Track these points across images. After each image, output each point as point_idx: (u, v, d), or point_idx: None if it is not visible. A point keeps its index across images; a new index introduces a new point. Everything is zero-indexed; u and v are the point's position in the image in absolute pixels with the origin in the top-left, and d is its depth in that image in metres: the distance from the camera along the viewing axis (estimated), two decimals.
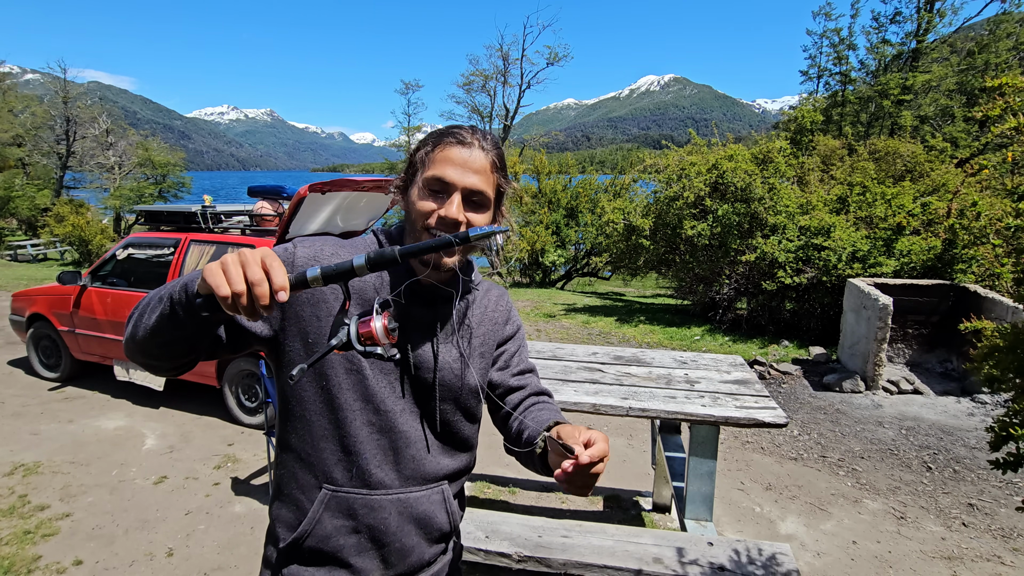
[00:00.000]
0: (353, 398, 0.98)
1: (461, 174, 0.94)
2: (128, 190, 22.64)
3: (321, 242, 1.00)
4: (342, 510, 0.99)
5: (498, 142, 1.00)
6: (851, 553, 2.95)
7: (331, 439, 0.98)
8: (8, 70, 26.73)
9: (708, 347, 6.71)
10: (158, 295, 0.85)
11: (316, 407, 0.98)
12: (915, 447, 4.16)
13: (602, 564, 2.00)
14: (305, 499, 1.00)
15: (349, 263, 0.74)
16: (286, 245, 0.99)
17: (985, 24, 16.92)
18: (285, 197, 4.85)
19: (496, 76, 26.36)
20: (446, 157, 0.95)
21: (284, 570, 1.01)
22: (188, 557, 2.80)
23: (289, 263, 0.95)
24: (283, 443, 1.04)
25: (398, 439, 1.01)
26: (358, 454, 0.98)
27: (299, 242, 1.00)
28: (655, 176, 9.91)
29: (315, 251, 0.98)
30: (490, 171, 0.97)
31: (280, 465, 1.05)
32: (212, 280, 0.69)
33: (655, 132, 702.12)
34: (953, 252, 6.10)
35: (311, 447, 0.99)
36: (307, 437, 0.99)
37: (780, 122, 19.76)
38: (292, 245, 0.99)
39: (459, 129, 0.97)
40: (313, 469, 0.99)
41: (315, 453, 0.99)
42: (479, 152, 0.96)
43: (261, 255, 0.70)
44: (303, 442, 1.00)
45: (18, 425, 4.28)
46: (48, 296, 5.03)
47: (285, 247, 0.98)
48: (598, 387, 2.55)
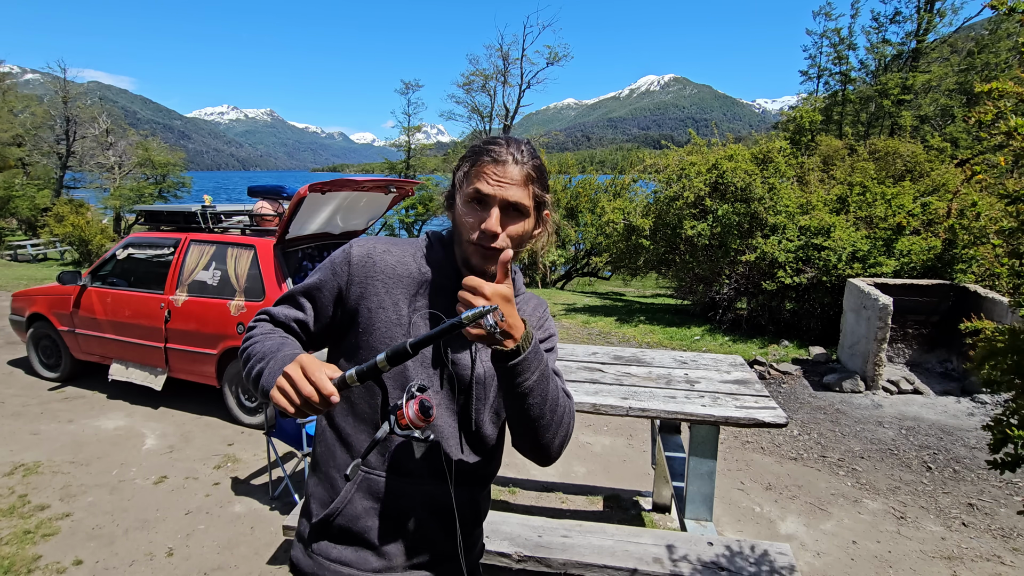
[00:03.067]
0: (393, 386, 1.04)
1: (498, 188, 1.00)
2: (128, 190, 22.64)
3: (374, 240, 1.13)
4: (372, 493, 1.04)
5: (535, 153, 1.06)
6: (851, 553, 2.95)
7: (371, 422, 1.05)
8: (8, 70, 26.72)
9: (708, 347, 6.72)
10: (253, 367, 1.00)
11: (360, 389, 1.05)
12: (915, 447, 4.16)
13: (602, 564, 2.00)
14: (339, 477, 1.06)
15: (374, 362, 0.86)
16: (345, 247, 1.10)
17: (985, 24, 16.91)
18: (285, 197, 4.86)
19: (496, 76, 26.38)
20: (483, 173, 1.01)
21: (314, 544, 1.07)
22: (188, 557, 2.80)
23: (345, 262, 1.08)
24: (327, 418, 1.11)
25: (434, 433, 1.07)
26: (393, 441, 1.04)
27: (355, 241, 1.11)
28: (655, 176, 9.90)
29: (368, 248, 1.09)
30: (525, 183, 1.02)
31: (320, 442, 1.12)
32: (279, 403, 0.86)
33: (655, 132, 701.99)
34: (953, 252, 6.10)
35: (351, 427, 1.06)
36: (349, 417, 1.07)
37: (779, 122, 19.76)
38: (349, 244, 1.11)
39: (494, 145, 1.03)
40: (351, 449, 1.06)
41: (354, 434, 1.06)
42: (513, 166, 1.01)
43: (305, 370, 0.85)
44: (345, 422, 1.07)
45: (18, 425, 4.28)
46: (48, 296, 5.03)
47: (344, 250, 1.10)
48: (598, 387, 2.55)
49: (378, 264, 1.08)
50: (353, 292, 1.07)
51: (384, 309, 1.05)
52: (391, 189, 4.57)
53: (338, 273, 1.08)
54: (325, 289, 1.08)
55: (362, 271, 1.07)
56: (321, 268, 1.10)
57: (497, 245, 1.01)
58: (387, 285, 1.07)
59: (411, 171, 25.60)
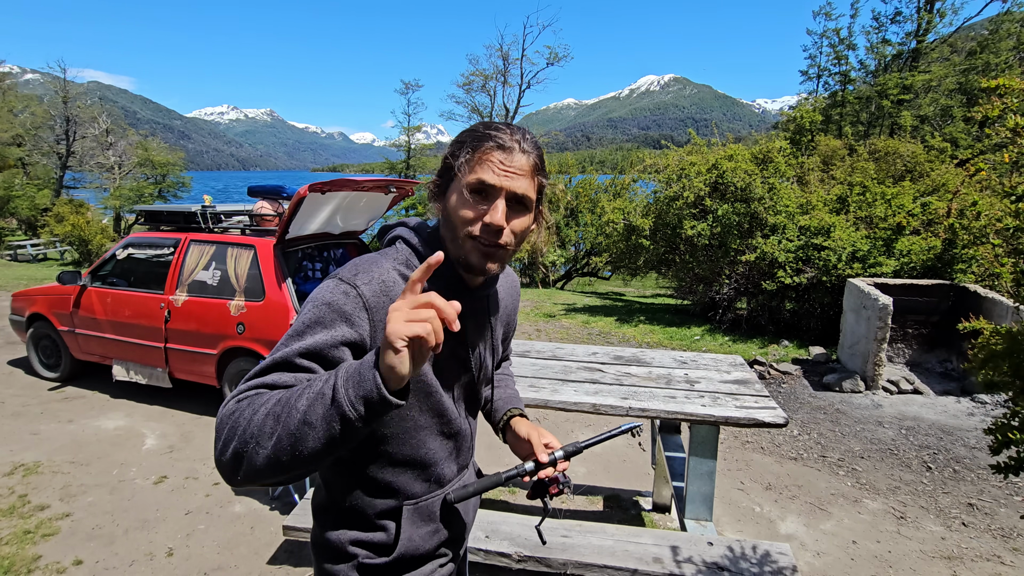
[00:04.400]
0: (429, 416, 1.02)
1: (504, 179, 0.90)
2: (128, 190, 22.66)
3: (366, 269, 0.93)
4: (423, 517, 1.05)
5: (537, 140, 0.97)
6: (851, 553, 2.95)
7: (412, 460, 1.02)
8: (8, 70, 26.73)
9: (708, 347, 6.71)
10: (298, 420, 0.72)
11: (399, 438, 1.00)
12: (915, 447, 4.16)
13: (602, 564, 2.00)
14: (390, 522, 1.03)
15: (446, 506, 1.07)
16: (345, 288, 0.89)
17: (985, 24, 16.91)
18: (285, 197, 4.86)
19: (496, 76, 26.39)
20: (487, 161, 0.90)
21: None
22: (188, 557, 2.80)
23: (360, 307, 0.88)
24: (356, 479, 1.02)
25: (460, 439, 1.11)
26: (435, 463, 1.05)
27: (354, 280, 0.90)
28: (655, 176, 9.90)
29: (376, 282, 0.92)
30: (532, 173, 0.94)
31: (350, 498, 1.02)
32: (413, 330, 0.68)
33: (655, 132, 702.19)
34: (953, 252, 6.10)
35: (392, 475, 1.02)
36: (388, 468, 1.01)
37: (779, 122, 19.76)
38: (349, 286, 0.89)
39: (498, 131, 0.92)
40: (395, 493, 1.02)
41: (396, 478, 1.02)
42: (521, 155, 0.92)
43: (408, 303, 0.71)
44: (383, 473, 1.01)
45: (18, 425, 4.28)
46: (48, 296, 5.03)
47: (346, 291, 0.88)
48: (598, 387, 2.55)
49: (394, 298, 0.92)
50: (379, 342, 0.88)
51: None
52: (391, 189, 4.57)
53: (356, 323, 0.87)
54: (340, 347, 0.85)
55: (383, 313, 0.90)
56: (322, 321, 0.86)
57: (503, 241, 0.92)
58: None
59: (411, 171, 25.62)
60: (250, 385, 0.82)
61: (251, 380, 0.83)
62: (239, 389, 0.82)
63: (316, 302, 0.89)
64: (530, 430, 1.14)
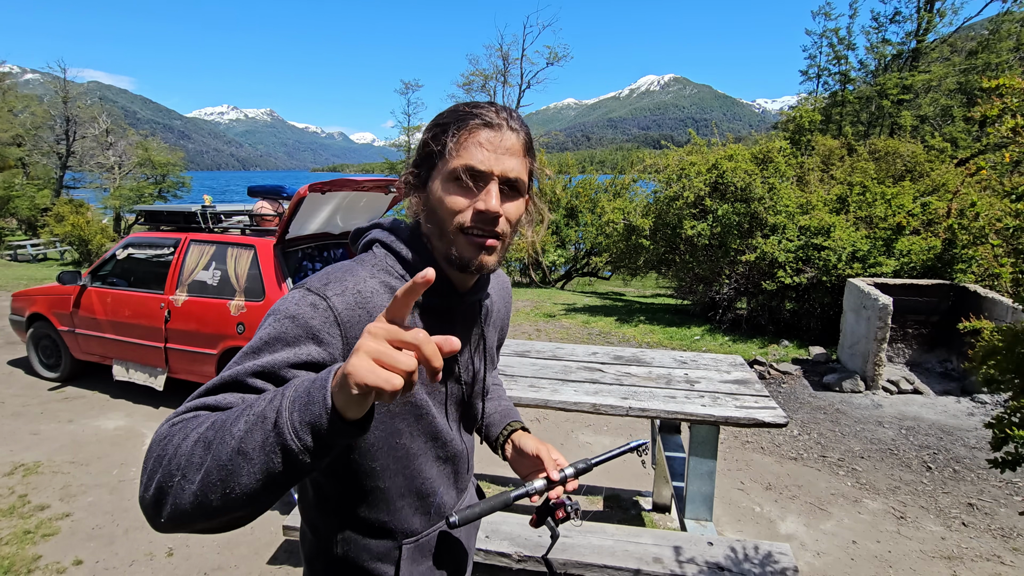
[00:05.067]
0: (423, 440, 0.91)
1: (495, 160, 0.80)
2: (128, 190, 22.67)
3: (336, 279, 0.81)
4: (424, 553, 0.96)
5: (523, 118, 0.87)
6: (851, 553, 2.95)
7: (407, 493, 0.92)
8: (8, 70, 26.72)
9: (708, 347, 6.71)
10: (231, 449, 0.58)
11: (391, 470, 0.88)
12: (915, 447, 4.16)
13: (602, 564, 2.00)
14: (387, 566, 0.93)
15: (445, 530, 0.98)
16: (313, 300, 0.76)
17: (985, 24, 16.91)
18: (285, 197, 4.86)
19: (496, 76, 26.38)
20: (475, 142, 0.80)
21: None
22: (188, 557, 2.80)
23: (332, 322, 0.76)
24: (345, 521, 0.91)
25: (458, 461, 1.01)
26: (433, 492, 0.95)
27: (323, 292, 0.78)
28: (655, 176, 9.90)
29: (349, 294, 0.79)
30: (523, 153, 0.84)
31: (341, 542, 0.91)
32: (376, 380, 0.53)
33: (655, 132, 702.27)
34: (953, 252, 6.10)
35: (387, 513, 0.91)
36: (381, 505, 0.90)
37: (779, 122, 19.76)
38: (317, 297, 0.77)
39: (483, 108, 0.82)
40: (391, 533, 0.92)
41: (391, 516, 0.91)
42: (510, 133, 0.82)
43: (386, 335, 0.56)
44: (376, 511, 0.90)
45: (18, 425, 4.28)
46: (48, 296, 5.03)
47: (314, 303, 0.76)
48: (598, 387, 2.55)
49: (374, 315, 0.79)
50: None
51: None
52: (391, 189, 4.57)
53: (324, 340, 0.75)
54: (303, 367, 0.73)
55: (359, 329, 0.77)
56: (284, 336, 0.73)
57: (499, 230, 0.83)
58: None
59: None
60: (189, 407, 0.68)
61: (192, 400, 0.69)
62: (176, 411, 0.68)
63: (278, 315, 0.75)
64: (539, 446, 1.05)
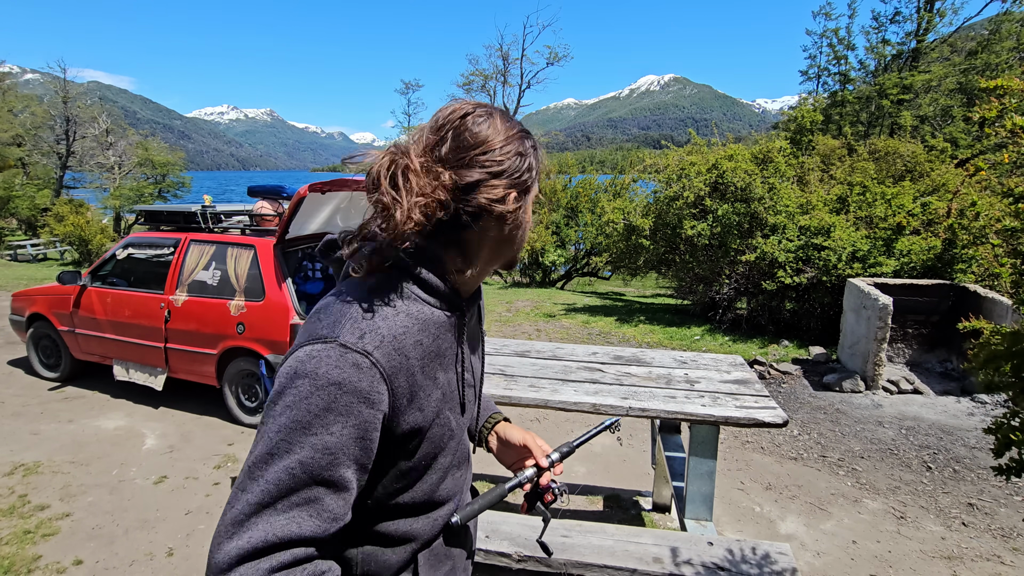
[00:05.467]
0: (450, 456, 0.90)
1: None
2: (128, 190, 22.67)
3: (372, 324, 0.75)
4: (440, 559, 0.94)
5: None
6: (851, 553, 2.95)
7: (429, 504, 0.90)
8: (8, 70, 26.73)
9: (708, 347, 6.71)
10: None
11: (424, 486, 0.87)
12: (915, 447, 4.16)
13: (602, 564, 2.00)
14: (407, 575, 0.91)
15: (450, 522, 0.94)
16: (355, 359, 0.70)
17: (985, 24, 16.90)
18: (285, 197, 4.86)
19: (496, 76, 26.39)
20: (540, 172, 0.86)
21: None
22: (188, 557, 2.80)
23: (379, 379, 0.72)
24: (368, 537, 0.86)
25: (468, 465, 1.02)
26: (450, 499, 0.95)
27: (360, 346, 0.72)
28: (655, 176, 9.90)
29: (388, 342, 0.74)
30: None
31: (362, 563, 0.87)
32: None
33: (655, 132, 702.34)
34: (953, 252, 6.10)
35: (408, 523, 0.88)
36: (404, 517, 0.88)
37: (780, 122, 19.75)
38: (364, 355, 0.71)
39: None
40: (410, 542, 0.90)
41: (412, 526, 0.89)
42: None
43: None
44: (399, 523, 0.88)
45: (18, 425, 4.28)
46: (48, 296, 5.03)
47: (357, 363, 0.70)
48: (598, 387, 2.55)
49: (411, 354, 0.77)
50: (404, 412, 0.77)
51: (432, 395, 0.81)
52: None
53: (375, 402, 0.72)
54: (366, 441, 0.71)
55: (404, 378, 0.75)
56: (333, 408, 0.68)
57: None
58: (425, 369, 0.80)
59: None
60: (279, 550, 0.64)
61: (273, 537, 0.64)
62: (270, 546, 0.64)
63: (317, 380, 0.68)
64: (524, 435, 1.07)
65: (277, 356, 4.01)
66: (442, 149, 0.79)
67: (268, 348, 4.03)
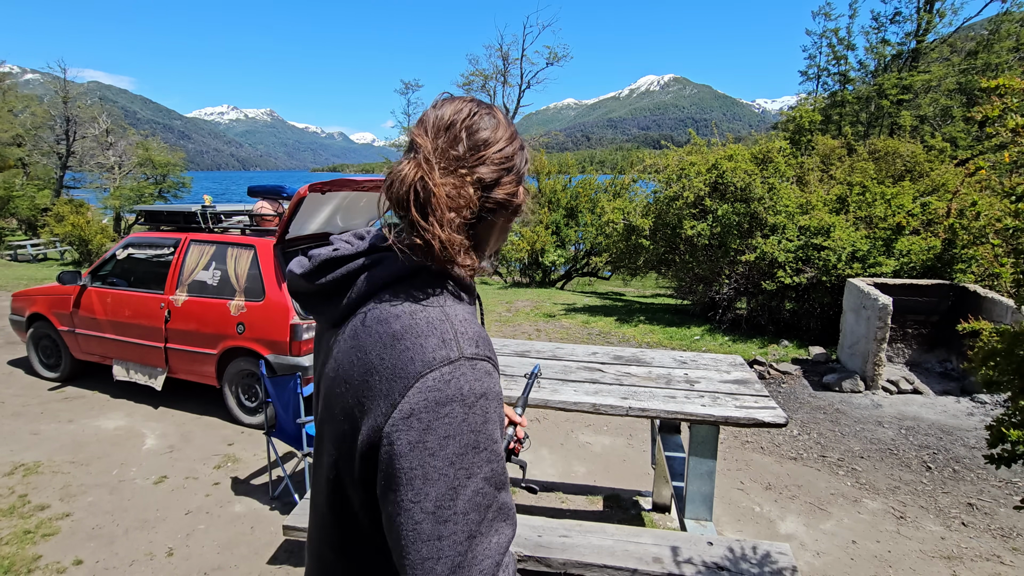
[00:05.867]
0: None
1: None
2: (128, 190, 22.66)
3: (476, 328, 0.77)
4: None
5: None
6: (851, 553, 2.96)
7: None
8: (8, 70, 26.72)
9: (708, 347, 6.72)
10: None
11: None
12: (915, 447, 4.16)
13: (602, 564, 2.00)
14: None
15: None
16: (486, 368, 0.73)
17: (985, 24, 16.91)
18: (285, 197, 4.86)
19: (496, 76, 26.36)
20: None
21: None
22: (188, 557, 2.80)
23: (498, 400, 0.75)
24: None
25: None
26: None
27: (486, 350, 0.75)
28: (655, 176, 9.90)
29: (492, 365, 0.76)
30: None
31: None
32: None
33: (655, 132, 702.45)
34: (953, 252, 6.11)
35: None
36: None
37: (779, 122, 19.75)
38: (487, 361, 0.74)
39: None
40: None
41: None
42: None
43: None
44: None
45: (18, 425, 4.28)
46: (48, 296, 5.03)
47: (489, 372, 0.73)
48: (598, 387, 2.55)
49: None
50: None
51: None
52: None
53: (503, 399, 0.78)
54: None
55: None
56: (493, 419, 0.72)
57: None
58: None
59: None
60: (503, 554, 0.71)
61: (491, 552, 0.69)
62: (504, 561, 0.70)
63: (466, 400, 0.69)
64: None
65: (277, 356, 4.01)
66: (458, 148, 0.78)
67: (268, 348, 4.03)
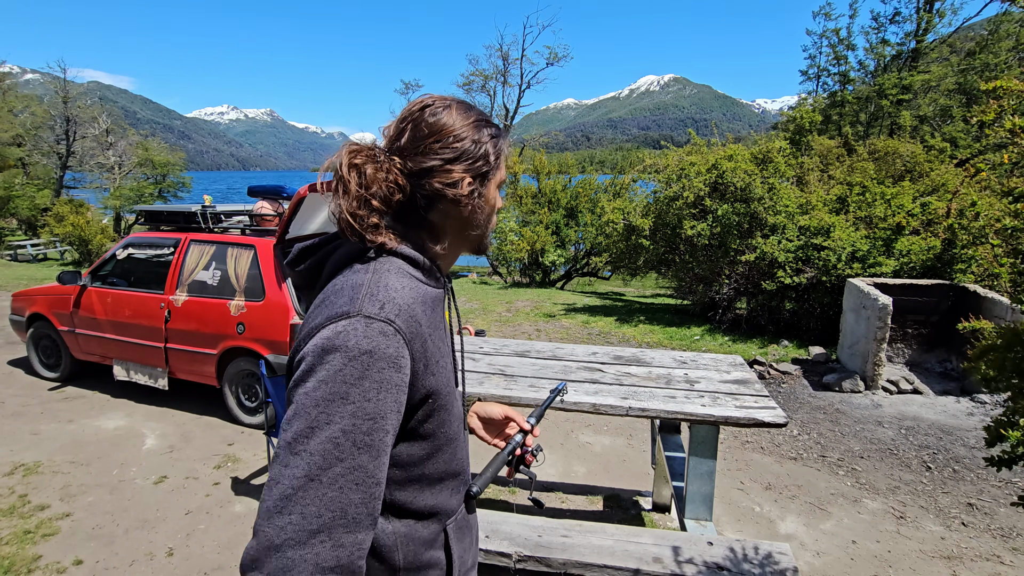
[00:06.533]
0: (457, 425, 0.95)
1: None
2: (128, 190, 22.67)
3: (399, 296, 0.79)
4: (463, 529, 0.98)
5: None
6: (851, 553, 2.96)
7: (448, 475, 0.93)
8: (8, 70, 26.71)
9: (708, 347, 6.72)
10: None
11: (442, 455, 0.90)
12: (915, 447, 4.16)
13: (602, 564, 2.00)
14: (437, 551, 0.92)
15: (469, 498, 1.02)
16: (380, 327, 0.73)
17: (985, 24, 16.91)
18: (285, 197, 4.86)
19: (496, 76, 26.37)
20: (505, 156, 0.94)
21: None
22: (188, 557, 2.80)
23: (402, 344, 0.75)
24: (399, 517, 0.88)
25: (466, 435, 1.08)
26: (464, 470, 1.00)
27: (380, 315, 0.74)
28: (655, 176, 9.90)
29: (401, 310, 0.77)
30: None
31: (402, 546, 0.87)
32: None
33: (655, 132, 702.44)
34: (952, 252, 6.11)
35: (433, 498, 0.90)
36: (428, 491, 0.90)
37: (779, 122, 19.75)
38: (387, 324, 0.74)
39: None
40: (438, 516, 0.92)
41: (437, 499, 0.91)
42: None
43: None
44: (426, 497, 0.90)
45: (18, 425, 4.28)
46: (48, 296, 5.03)
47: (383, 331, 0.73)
48: (598, 387, 2.56)
49: (422, 322, 0.81)
50: (422, 376, 0.80)
51: (441, 362, 0.87)
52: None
53: (402, 367, 0.75)
54: (398, 404, 0.75)
55: (419, 344, 0.79)
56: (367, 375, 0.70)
57: None
58: (432, 337, 0.84)
59: None
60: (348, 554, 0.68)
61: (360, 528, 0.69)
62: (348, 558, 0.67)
63: (348, 352, 0.70)
64: (503, 408, 1.16)
65: (277, 356, 4.01)
66: (401, 140, 0.86)
67: (268, 348, 4.03)
